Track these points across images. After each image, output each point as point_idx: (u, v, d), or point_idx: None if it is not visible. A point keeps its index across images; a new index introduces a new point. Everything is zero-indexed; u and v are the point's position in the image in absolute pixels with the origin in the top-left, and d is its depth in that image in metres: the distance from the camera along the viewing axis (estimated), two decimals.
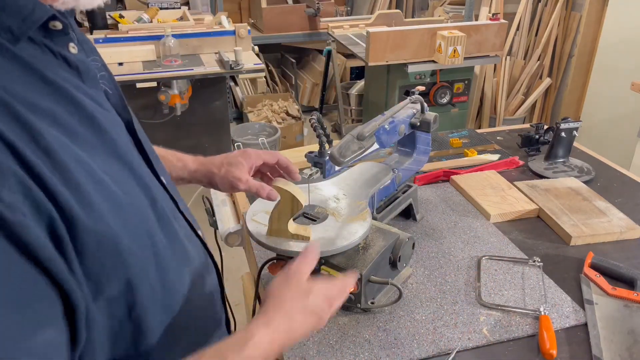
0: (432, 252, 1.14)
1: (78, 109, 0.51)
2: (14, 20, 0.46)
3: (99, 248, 0.47)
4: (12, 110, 0.44)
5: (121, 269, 0.50)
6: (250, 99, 3.96)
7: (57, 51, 0.52)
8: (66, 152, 0.46)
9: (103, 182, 0.49)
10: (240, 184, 0.90)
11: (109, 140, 0.53)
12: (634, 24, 3.10)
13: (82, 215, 0.45)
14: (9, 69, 0.46)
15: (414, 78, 2.98)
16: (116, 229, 0.49)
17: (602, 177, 1.46)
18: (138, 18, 3.17)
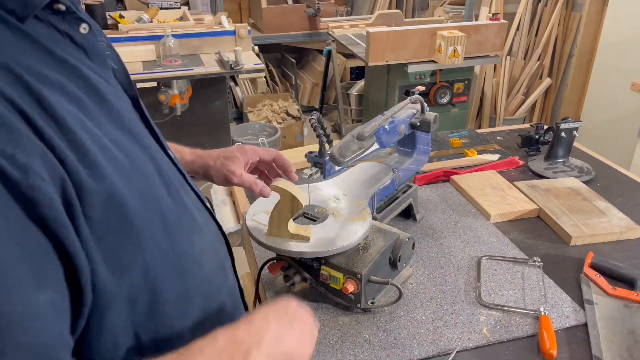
0: (432, 252, 1.14)
1: (84, 81, 0.54)
2: (16, 4, 0.49)
3: (106, 210, 0.49)
4: (22, 80, 0.46)
5: (129, 230, 0.51)
6: (250, 99, 3.96)
7: (62, 30, 0.54)
8: (73, 118, 0.48)
9: (108, 148, 0.51)
10: (234, 177, 0.92)
11: (114, 111, 0.56)
12: (634, 24, 3.10)
13: (89, 179, 0.47)
14: (18, 44, 0.49)
15: (414, 78, 2.98)
16: (122, 191, 0.51)
17: (602, 177, 1.46)
18: (138, 18, 3.17)
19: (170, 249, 0.57)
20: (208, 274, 0.65)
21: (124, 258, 0.51)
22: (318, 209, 1.02)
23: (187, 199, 0.64)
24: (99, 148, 0.50)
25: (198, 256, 0.63)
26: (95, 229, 0.48)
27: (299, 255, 0.94)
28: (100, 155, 0.49)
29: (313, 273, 0.96)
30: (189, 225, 0.62)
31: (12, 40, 0.48)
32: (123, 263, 0.51)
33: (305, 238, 0.92)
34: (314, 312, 0.96)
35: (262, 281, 1.04)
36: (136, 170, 0.54)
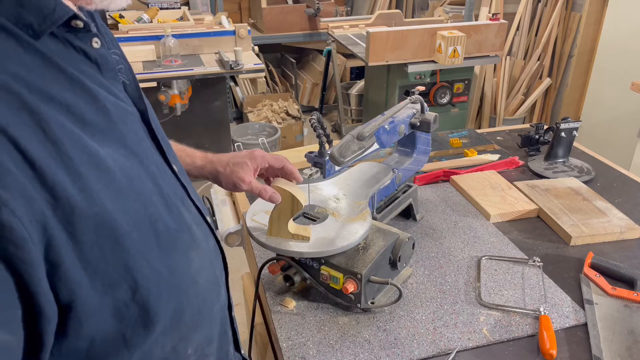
0: (432, 252, 1.14)
1: (93, 100, 0.53)
2: (35, 18, 0.48)
3: (97, 233, 0.49)
4: (22, 100, 0.46)
5: (119, 253, 0.51)
6: (250, 99, 3.96)
7: (77, 46, 0.54)
8: (73, 141, 0.48)
9: (108, 170, 0.51)
10: (244, 184, 0.93)
11: (117, 131, 0.56)
12: (634, 24, 3.10)
13: (82, 202, 0.47)
14: (29, 62, 0.48)
15: (414, 78, 2.98)
16: (115, 215, 0.51)
17: (602, 177, 1.46)
18: (138, 18, 3.17)
19: (165, 268, 0.57)
20: (202, 291, 0.65)
21: (111, 278, 0.51)
22: (318, 209, 1.02)
23: (187, 215, 0.64)
24: (97, 171, 0.50)
25: (194, 273, 0.63)
26: (85, 253, 0.48)
27: (299, 255, 0.94)
28: (97, 179, 0.49)
29: (313, 273, 0.96)
30: (187, 242, 0.62)
31: (23, 57, 0.48)
32: (110, 283, 0.51)
33: (305, 238, 0.93)
34: (314, 312, 0.96)
35: (262, 281, 1.04)
36: (133, 192, 0.54)
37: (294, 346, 0.90)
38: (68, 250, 0.46)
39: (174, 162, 0.67)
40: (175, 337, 0.61)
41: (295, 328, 0.94)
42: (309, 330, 0.93)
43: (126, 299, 0.53)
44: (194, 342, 0.64)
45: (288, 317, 0.96)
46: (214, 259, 0.70)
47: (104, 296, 0.50)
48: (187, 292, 0.61)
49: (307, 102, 4.47)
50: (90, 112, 0.53)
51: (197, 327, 0.64)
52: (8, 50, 0.47)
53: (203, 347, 0.66)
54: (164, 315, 0.58)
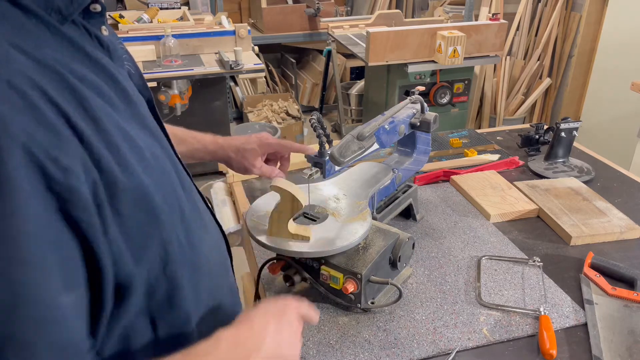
0: (432, 252, 1.14)
1: (114, 82, 0.56)
2: (63, 2, 0.51)
3: (136, 206, 0.51)
4: (67, 82, 0.48)
5: (155, 225, 0.54)
6: (250, 99, 3.96)
7: (92, 32, 0.57)
8: (109, 119, 0.51)
9: (138, 147, 0.54)
10: (255, 169, 1.04)
11: (138, 111, 0.59)
12: (634, 24, 3.10)
13: (122, 176, 0.50)
14: (58, 45, 0.51)
15: (414, 78, 2.98)
16: (150, 188, 0.53)
17: (602, 177, 1.46)
18: (138, 18, 3.17)
19: (187, 243, 0.60)
20: (214, 271, 0.68)
21: (147, 250, 0.54)
22: (318, 209, 1.02)
23: (196, 198, 0.67)
24: (130, 147, 0.52)
25: (207, 252, 0.66)
26: (124, 224, 0.50)
27: (299, 255, 0.94)
28: (131, 154, 0.52)
29: (313, 273, 0.96)
30: (200, 223, 0.65)
31: (52, 41, 0.50)
32: (146, 255, 0.54)
33: (305, 238, 0.93)
34: None
35: (262, 281, 1.04)
36: (160, 168, 0.57)
37: None
38: (111, 220, 0.49)
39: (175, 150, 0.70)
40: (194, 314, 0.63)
41: None
42: (309, 330, 0.93)
43: (158, 272, 0.56)
44: (209, 322, 0.65)
45: None
46: (220, 242, 0.74)
47: (141, 270, 0.53)
48: (202, 270, 0.64)
49: (307, 102, 4.47)
50: (114, 93, 0.55)
51: (210, 307, 0.66)
52: (40, 34, 0.49)
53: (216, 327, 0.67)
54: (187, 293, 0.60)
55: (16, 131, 0.42)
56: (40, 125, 0.43)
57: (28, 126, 0.43)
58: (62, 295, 0.45)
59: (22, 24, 0.48)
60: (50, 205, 0.44)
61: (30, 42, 0.48)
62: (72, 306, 0.46)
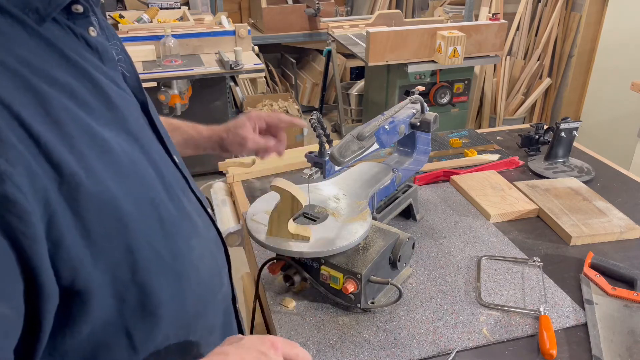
0: (432, 252, 1.14)
1: (94, 85, 0.55)
2: (40, 2, 0.50)
3: (100, 212, 0.50)
4: (26, 82, 0.47)
5: (122, 233, 0.53)
6: (250, 99, 3.96)
7: (78, 32, 0.56)
8: (76, 122, 0.50)
9: (110, 151, 0.53)
10: (248, 141, 1.04)
11: (120, 115, 0.57)
12: (634, 24, 3.10)
13: (86, 181, 0.49)
14: (33, 46, 0.50)
15: (414, 78, 2.98)
16: (118, 195, 0.52)
17: (602, 177, 1.46)
18: (138, 18, 3.17)
19: (167, 251, 0.58)
20: (204, 279, 0.65)
21: (113, 258, 0.52)
22: (318, 209, 1.02)
23: (188, 204, 0.65)
24: (100, 152, 0.51)
25: (196, 260, 0.63)
26: (86, 228, 0.49)
27: (299, 255, 0.94)
28: (99, 160, 0.51)
29: (313, 273, 0.96)
30: (189, 230, 0.63)
31: (28, 42, 0.50)
32: (112, 262, 0.52)
33: (305, 238, 0.93)
34: (314, 312, 0.96)
35: (262, 281, 1.04)
36: (136, 175, 0.56)
37: None
38: (71, 227, 0.47)
39: (174, 153, 0.69)
40: (176, 324, 0.61)
41: (295, 328, 0.94)
42: (309, 330, 0.93)
43: (126, 279, 0.54)
44: (196, 331, 0.64)
45: (288, 317, 0.96)
46: (215, 248, 0.71)
47: (105, 275, 0.51)
48: (188, 279, 0.62)
49: (307, 102, 4.47)
50: (91, 96, 0.54)
51: (199, 315, 0.65)
52: (15, 35, 0.49)
53: (205, 336, 0.67)
54: (164, 299, 0.58)
55: None
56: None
57: None
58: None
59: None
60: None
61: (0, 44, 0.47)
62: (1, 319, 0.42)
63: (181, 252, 0.60)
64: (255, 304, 1.03)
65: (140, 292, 0.55)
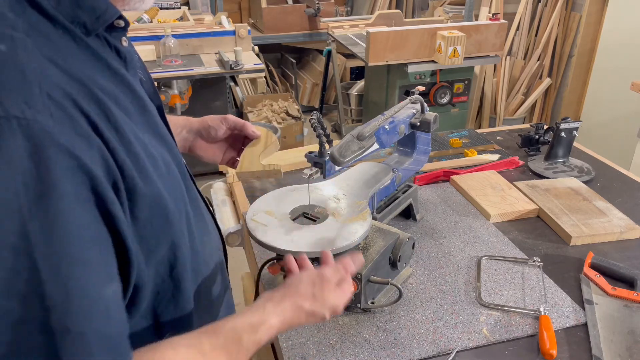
0: (432, 252, 1.14)
1: (131, 92, 0.58)
2: (89, 17, 0.53)
3: (151, 211, 0.54)
4: (93, 94, 0.51)
5: (168, 230, 0.57)
6: (250, 99, 3.96)
7: (112, 43, 0.59)
8: (129, 129, 0.54)
9: (152, 156, 0.57)
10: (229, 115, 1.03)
11: (152, 120, 0.61)
12: (634, 24, 3.10)
13: (141, 182, 0.53)
14: (82, 55, 0.53)
15: (414, 78, 2.98)
16: (164, 194, 0.56)
17: (602, 177, 1.46)
18: (138, 18, 3.17)
19: (190, 247, 0.62)
20: (212, 274, 0.70)
21: (158, 254, 0.56)
22: (318, 209, 1.02)
23: (200, 203, 0.70)
24: (146, 155, 0.55)
25: (207, 257, 0.68)
26: (140, 228, 0.53)
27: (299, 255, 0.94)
28: (148, 162, 0.55)
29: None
30: (202, 228, 0.68)
31: (76, 52, 0.53)
32: (157, 258, 0.56)
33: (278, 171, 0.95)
34: None
35: (262, 281, 1.04)
36: (171, 175, 0.60)
37: (294, 346, 0.90)
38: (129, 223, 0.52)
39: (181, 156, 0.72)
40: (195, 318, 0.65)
41: (295, 328, 0.94)
42: (309, 330, 0.93)
43: (165, 274, 0.58)
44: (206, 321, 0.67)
45: None
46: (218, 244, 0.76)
47: (150, 271, 0.56)
48: (203, 274, 0.66)
49: (307, 102, 4.47)
50: (130, 103, 0.57)
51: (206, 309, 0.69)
52: (65, 45, 0.51)
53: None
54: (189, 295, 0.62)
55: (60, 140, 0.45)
56: (77, 134, 0.47)
57: (69, 135, 0.46)
58: (105, 288, 0.48)
59: (52, 35, 0.50)
60: (91, 204, 0.47)
61: (60, 54, 0.50)
62: (113, 297, 0.49)
63: (198, 249, 0.65)
64: None
65: (174, 287, 0.60)
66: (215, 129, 1.03)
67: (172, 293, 0.60)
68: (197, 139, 1.05)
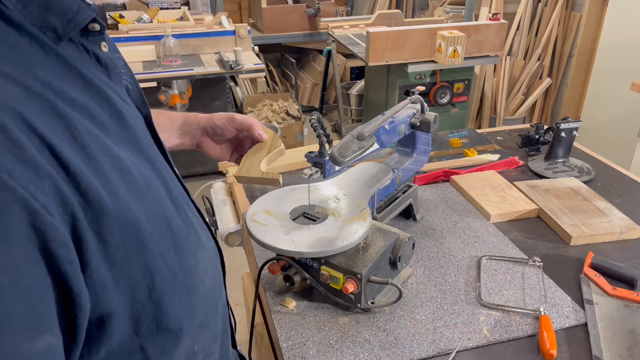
0: (432, 252, 1.14)
1: (109, 104, 0.54)
2: (59, 21, 0.49)
3: (123, 234, 0.50)
4: (53, 106, 0.46)
5: (142, 253, 0.52)
6: (250, 99, 3.96)
7: (90, 49, 0.55)
8: (99, 145, 0.49)
9: (129, 173, 0.52)
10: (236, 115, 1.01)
11: (132, 134, 0.57)
12: (634, 24, 3.10)
13: (111, 204, 0.48)
14: (51, 66, 0.49)
15: (414, 78, 2.98)
16: (139, 216, 0.52)
17: (602, 177, 1.46)
18: (138, 18, 3.17)
19: (179, 268, 0.58)
20: (209, 291, 0.67)
21: (131, 278, 0.52)
22: (318, 209, 1.02)
23: (192, 217, 0.65)
24: (121, 174, 0.51)
25: (202, 273, 0.64)
26: (109, 252, 0.48)
27: (299, 255, 0.94)
28: (121, 182, 0.50)
29: (313, 273, 0.96)
30: (195, 243, 0.64)
31: (45, 62, 0.48)
32: (130, 283, 0.52)
33: (276, 180, 0.94)
34: (314, 312, 0.96)
35: (262, 281, 1.04)
36: (151, 194, 0.55)
37: (294, 346, 0.90)
38: (95, 252, 0.47)
39: (174, 165, 0.69)
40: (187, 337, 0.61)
41: (295, 328, 0.94)
42: (309, 330, 0.93)
43: (143, 299, 0.54)
44: (202, 342, 0.65)
45: (288, 317, 0.96)
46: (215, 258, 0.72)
47: (124, 296, 0.51)
48: (197, 293, 0.62)
49: (307, 102, 4.47)
50: (106, 115, 0.53)
51: (204, 327, 0.65)
52: (33, 55, 0.47)
53: (209, 345, 0.68)
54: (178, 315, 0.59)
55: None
56: (19, 160, 0.41)
57: (8, 162, 0.40)
58: (34, 341, 0.42)
59: (15, 44, 0.46)
60: (26, 243, 0.41)
61: (20, 65, 0.46)
62: (45, 351, 0.43)
63: (190, 266, 0.61)
64: (255, 304, 1.03)
65: (156, 310, 0.55)
66: (221, 128, 1.02)
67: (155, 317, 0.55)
68: (204, 137, 1.04)
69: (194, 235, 0.64)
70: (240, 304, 2.17)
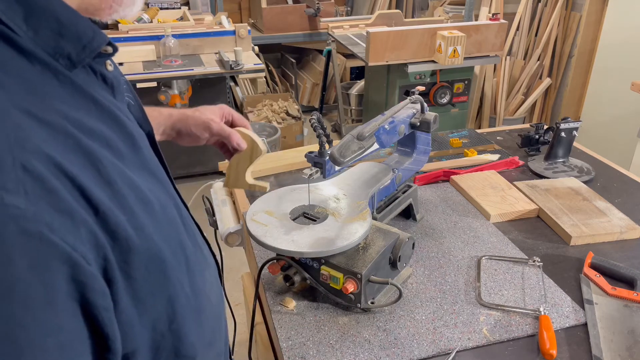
0: (432, 252, 1.14)
1: (121, 128, 0.51)
2: (74, 48, 0.46)
3: (147, 268, 0.48)
4: (76, 141, 0.44)
5: (165, 284, 0.51)
6: (250, 99, 3.96)
7: (97, 69, 0.52)
8: (122, 177, 0.47)
9: (149, 202, 0.50)
10: (214, 123, 0.99)
11: (144, 157, 0.54)
12: (634, 24, 3.10)
13: (137, 239, 0.46)
14: (65, 95, 0.46)
15: (414, 78, 2.98)
16: (161, 246, 0.50)
17: (602, 177, 1.46)
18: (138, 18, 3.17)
19: (191, 290, 0.57)
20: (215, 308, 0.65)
21: (155, 311, 0.50)
22: (318, 209, 1.02)
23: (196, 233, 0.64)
24: (143, 205, 0.49)
25: (208, 291, 0.63)
26: (135, 288, 0.47)
27: (299, 255, 0.94)
28: (144, 213, 0.48)
29: (313, 273, 0.96)
30: (202, 263, 0.62)
31: (59, 91, 0.46)
32: (153, 315, 0.50)
33: (263, 188, 0.94)
34: (314, 312, 0.96)
35: (262, 281, 1.04)
36: (167, 219, 0.54)
37: (294, 346, 0.90)
38: (124, 291, 0.45)
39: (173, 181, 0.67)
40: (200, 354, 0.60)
41: (295, 328, 0.94)
42: (309, 330, 0.93)
43: (164, 330, 0.52)
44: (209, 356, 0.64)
45: (288, 317, 0.96)
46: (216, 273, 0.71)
47: (147, 330, 0.50)
48: (205, 312, 0.61)
49: (307, 102, 4.47)
50: (121, 141, 0.51)
51: (212, 345, 0.64)
52: (47, 85, 0.45)
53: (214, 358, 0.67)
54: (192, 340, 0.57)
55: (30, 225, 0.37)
56: (56, 211, 0.39)
57: (47, 216, 0.38)
58: None
59: (27, 75, 0.43)
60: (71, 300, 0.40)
61: (38, 98, 0.42)
62: None
63: (199, 286, 0.59)
64: (255, 304, 1.03)
65: (175, 339, 0.54)
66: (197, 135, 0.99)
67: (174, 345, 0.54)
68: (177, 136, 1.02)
69: (200, 253, 0.62)
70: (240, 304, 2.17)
